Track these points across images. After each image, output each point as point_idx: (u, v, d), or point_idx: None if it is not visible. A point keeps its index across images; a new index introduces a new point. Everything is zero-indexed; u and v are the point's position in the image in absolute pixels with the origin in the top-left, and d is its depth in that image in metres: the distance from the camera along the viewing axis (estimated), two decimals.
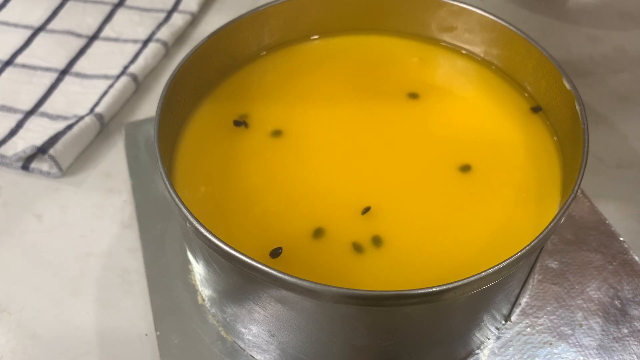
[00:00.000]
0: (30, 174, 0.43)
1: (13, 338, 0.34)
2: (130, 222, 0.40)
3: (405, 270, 0.29)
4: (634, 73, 0.51)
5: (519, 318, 0.34)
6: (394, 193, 0.32)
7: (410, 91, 0.37)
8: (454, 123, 0.36)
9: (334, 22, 0.40)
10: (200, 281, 0.34)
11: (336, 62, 0.39)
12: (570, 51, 0.53)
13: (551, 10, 0.57)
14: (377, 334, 0.27)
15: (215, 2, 0.58)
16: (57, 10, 0.54)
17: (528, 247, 0.25)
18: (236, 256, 0.25)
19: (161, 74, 0.50)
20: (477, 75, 0.38)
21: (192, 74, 0.34)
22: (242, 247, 0.25)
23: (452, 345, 0.31)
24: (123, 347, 0.34)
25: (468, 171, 0.33)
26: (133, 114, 0.47)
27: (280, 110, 0.36)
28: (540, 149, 0.34)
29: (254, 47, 0.38)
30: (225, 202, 0.31)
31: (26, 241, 0.39)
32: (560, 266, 0.36)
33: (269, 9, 0.37)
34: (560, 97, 0.33)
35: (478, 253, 0.29)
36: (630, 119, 0.47)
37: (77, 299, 0.36)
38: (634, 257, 0.36)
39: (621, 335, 0.33)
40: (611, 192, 0.41)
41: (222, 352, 0.32)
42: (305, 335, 0.28)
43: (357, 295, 0.24)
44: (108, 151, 0.44)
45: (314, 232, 0.30)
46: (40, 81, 0.48)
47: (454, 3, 0.37)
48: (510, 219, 0.31)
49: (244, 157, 0.33)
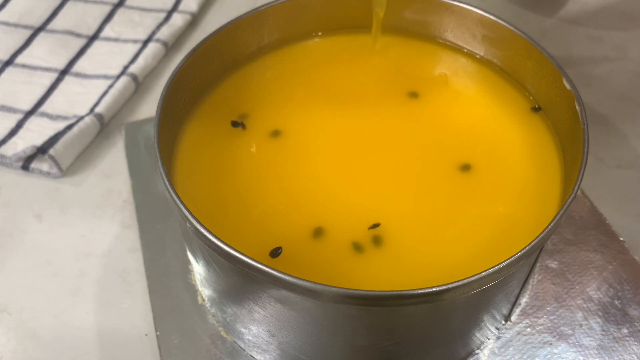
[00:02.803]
0: (30, 174, 0.43)
1: (13, 338, 0.34)
2: (130, 222, 0.40)
3: (405, 270, 0.29)
4: (634, 73, 0.51)
5: (519, 318, 0.34)
6: (394, 193, 0.32)
7: (411, 90, 0.37)
8: (454, 122, 0.36)
9: (333, 22, 0.40)
10: (200, 281, 0.34)
11: (336, 61, 0.39)
12: (570, 51, 0.53)
13: (551, 10, 0.57)
14: (377, 334, 0.27)
15: (215, 2, 0.58)
16: (57, 10, 0.54)
17: (528, 247, 0.25)
18: (236, 256, 0.25)
19: (161, 74, 0.50)
20: (477, 74, 0.38)
21: (192, 74, 0.34)
22: (242, 247, 0.25)
23: (452, 345, 0.31)
24: (123, 347, 0.34)
25: (468, 171, 0.33)
26: (133, 114, 0.47)
27: (280, 110, 0.36)
28: (540, 148, 0.34)
29: (253, 47, 0.38)
30: (225, 201, 0.31)
31: (26, 241, 0.39)
32: (560, 266, 0.36)
33: (269, 9, 0.37)
34: (560, 97, 0.33)
35: (478, 253, 0.29)
36: (630, 119, 0.47)
37: (77, 299, 0.36)
38: (634, 257, 0.36)
39: (621, 335, 0.33)
40: (611, 192, 0.41)
41: (222, 352, 0.32)
42: (305, 335, 0.28)
43: (357, 295, 0.24)
44: (108, 151, 0.44)
45: (314, 231, 0.30)
46: (40, 81, 0.48)
47: (454, 3, 0.37)
48: (510, 219, 0.31)
49: (244, 157, 0.33)
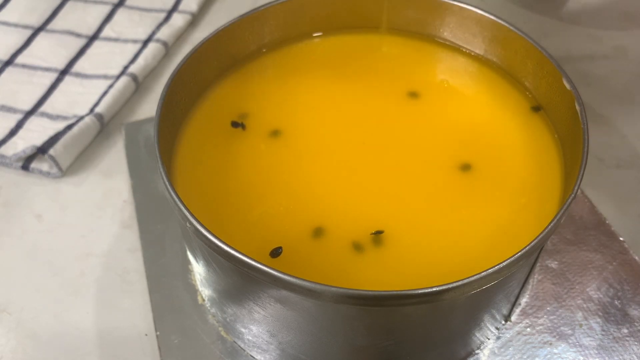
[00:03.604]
0: (30, 174, 0.43)
1: (13, 338, 0.34)
2: (130, 222, 0.40)
3: (405, 270, 0.29)
4: (634, 73, 0.51)
5: (519, 318, 0.34)
6: (394, 192, 0.32)
7: (411, 90, 0.37)
8: (454, 122, 0.36)
9: (333, 21, 0.40)
10: (200, 281, 0.34)
11: (336, 61, 0.39)
12: (570, 51, 0.53)
13: (551, 10, 0.57)
14: (377, 334, 0.27)
15: (215, 2, 0.58)
16: (57, 10, 0.54)
17: (528, 247, 0.25)
18: (236, 256, 0.25)
19: (161, 74, 0.50)
20: (477, 74, 0.38)
21: (192, 74, 0.34)
22: (242, 247, 0.25)
23: (452, 345, 0.31)
24: (123, 347, 0.34)
25: (468, 170, 0.33)
26: (133, 114, 0.47)
27: (280, 110, 0.36)
28: (540, 148, 0.34)
29: (253, 47, 0.38)
30: (225, 201, 0.31)
31: (26, 241, 0.39)
32: (560, 266, 0.36)
33: (269, 9, 0.37)
34: (560, 97, 0.33)
35: (478, 253, 0.29)
36: (630, 119, 0.47)
37: (77, 299, 0.36)
38: (634, 257, 0.36)
39: (621, 335, 0.33)
40: (611, 192, 0.41)
41: (222, 352, 0.32)
42: (305, 335, 0.28)
43: (357, 295, 0.24)
44: (108, 151, 0.44)
45: (314, 231, 0.30)
46: (40, 81, 0.48)
47: (454, 3, 0.37)
48: (510, 219, 0.31)
49: (244, 157, 0.33)
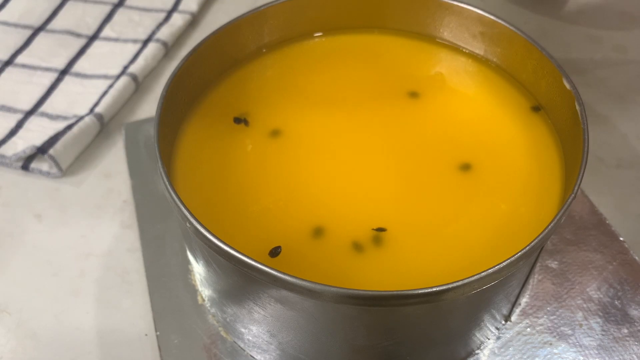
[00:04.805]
0: (30, 174, 0.42)
1: (13, 338, 0.34)
2: (130, 222, 0.40)
3: (405, 270, 0.29)
4: (634, 73, 0.51)
5: (519, 318, 0.34)
6: (394, 192, 0.32)
7: (411, 90, 0.37)
8: (454, 122, 0.36)
9: (333, 21, 0.40)
10: (200, 281, 0.34)
11: (336, 61, 0.39)
12: (570, 51, 0.53)
13: (551, 10, 0.57)
14: (377, 334, 0.27)
15: (215, 2, 0.58)
16: (57, 10, 0.54)
17: (528, 247, 0.25)
18: (236, 256, 0.25)
19: (161, 74, 0.50)
20: (477, 74, 0.38)
21: (192, 74, 0.34)
22: (241, 247, 0.25)
23: (452, 345, 0.31)
24: (123, 347, 0.34)
25: (468, 170, 0.33)
26: (133, 114, 0.47)
27: (280, 110, 0.36)
28: (540, 148, 0.34)
29: (253, 46, 0.38)
30: (225, 201, 0.31)
31: (26, 241, 0.39)
32: (560, 266, 0.36)
33: (269, 9, 0.37)
34: (560, 97, 0.33)
35: (478, 253, 0.29)
36: (630, 119, 0.47)
37: (77, 299, 0.36)
38: (634, 257, 0.36)
39: (621, 335, 0.33)
40: (611, 192, 0.41)
41: (222, 352, 0.32)
42: (305, 335, 0.28)
43: (357, 295, 0.24)
44: (108, 151, 0.44)
45: (314, 231, 0.30)
46: (40, 81, 0.48)
47: (454, 3, 0.37)
48: (510, 219, 0.31)
49: (244, 157, 0.33)
